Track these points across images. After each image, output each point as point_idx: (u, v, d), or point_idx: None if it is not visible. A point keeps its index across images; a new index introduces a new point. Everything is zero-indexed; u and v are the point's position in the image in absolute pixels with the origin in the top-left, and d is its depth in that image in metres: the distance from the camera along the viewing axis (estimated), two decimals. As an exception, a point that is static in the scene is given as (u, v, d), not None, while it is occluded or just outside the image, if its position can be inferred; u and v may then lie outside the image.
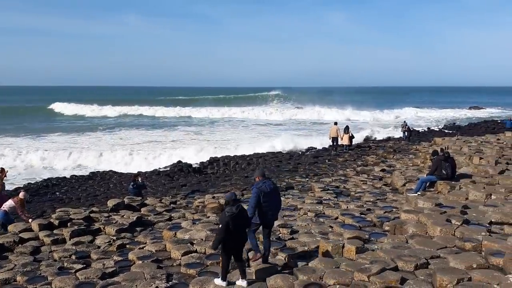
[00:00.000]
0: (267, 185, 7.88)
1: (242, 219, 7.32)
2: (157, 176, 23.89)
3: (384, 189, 15.55)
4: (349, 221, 11.15)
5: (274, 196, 7.98)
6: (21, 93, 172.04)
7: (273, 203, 7.97)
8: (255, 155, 28.99)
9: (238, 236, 7.29)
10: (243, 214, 7.36)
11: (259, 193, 7.72)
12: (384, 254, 8.29)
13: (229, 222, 7.09)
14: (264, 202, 7.76)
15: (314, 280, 7.44)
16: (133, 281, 7.99)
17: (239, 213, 7.21)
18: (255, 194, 7.74)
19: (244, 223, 7.41)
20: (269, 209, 7.88)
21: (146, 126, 54.33)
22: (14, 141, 39.89)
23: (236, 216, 7.15)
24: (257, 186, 7.84)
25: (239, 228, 7.25)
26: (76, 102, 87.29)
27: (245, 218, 7.42)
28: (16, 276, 8.61)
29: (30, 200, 19.37)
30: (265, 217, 7.89)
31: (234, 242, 7.28)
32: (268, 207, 7.84)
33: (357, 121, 55.27)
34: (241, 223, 7.29)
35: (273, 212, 8.00)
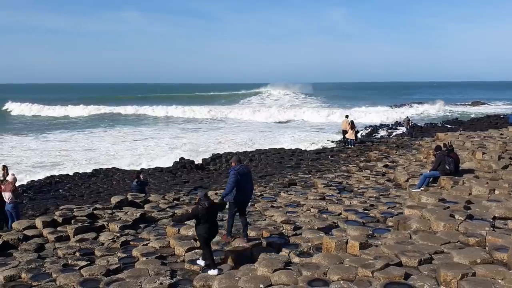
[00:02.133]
0: (243, 168, 9.34)
1: (213, 212, 8.56)
2: (160, 173, 23.90)
3: (387, 184, 15.54)
4: (352, 217, 11.16)
5: (248, 178, 9.37)
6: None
7: (248, 184, 9.34)
8: (257, 151, 28.95)
9: (210, 227, 8.43)
10: (214, 208, 8.58)
11: (236, 174, 9.02)
12: (388, 249, 8.29)
13: (199, 214, 8.31)
14: (242, 182, 9.08)
15: (318, 276, 7.45)
16: (137, 278, 8.01)
17: (210, 207, 8.41)
18: (233, 175, 9.03)
19: (215, 215, 8.68)
20: (245, 188, 9.22)
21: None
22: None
23: (207, 209, 8.31)
24: (234, 169, 9.15)
25: (209, 219, 8.41)
26: (43, 101, 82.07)
27: (215, 211, 8.70)
28: (20, 273, 8.64)
29: (33, 197, 19.45)
30: (242, 196, 9.23)
31: (207, 232, 8.40)
32: (244, 186, 9.17)
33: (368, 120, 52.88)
34: (212, 215, 8.51)
35: (248, 192, 9.40)
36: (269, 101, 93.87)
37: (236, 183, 9.00)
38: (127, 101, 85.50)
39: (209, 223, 8.38)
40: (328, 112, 59.70)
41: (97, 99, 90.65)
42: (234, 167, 9.25)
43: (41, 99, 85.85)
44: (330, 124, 51.10)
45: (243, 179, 9.10)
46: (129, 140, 39.58)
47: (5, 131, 49.04)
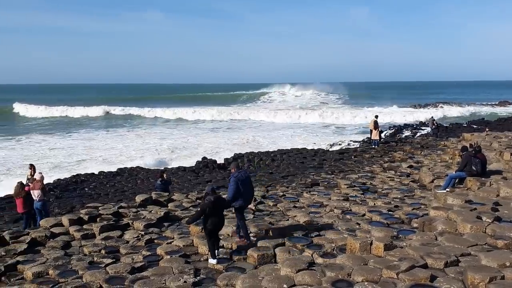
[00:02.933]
0: (242, 174, 9.55)
1: (219, 206, 8.84)
2: (183, 172, 24.11)
3: (412, 185, 15.33)
4: (376, 218, 11.04)
5: (248, 183, 9.58)
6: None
7: (248, 189, 9.53)
8: (279, 151, 28.93)
9: (216, 220, 8.74)
10: (220, 202, 8.89)
11: (237, 181, 9.28)
12: (413, 251, 8.17)
13: (206, 209, 8.61)
14: (242, 188, 9.30)
15: (342, 277, 7.39)
16: (161, 276, 8.09)
17: (216, 201, 8.73)
18: (233, 182, 9.29)
19: (221, 209, 8.92)
20: (245, 193, 9.40)
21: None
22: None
23: (214, 203, 8.65)
24: (234, 176, 9.39)
25: (216, 213, 8.74)
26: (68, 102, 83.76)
27: (221, 205, 8.96)
28: (48, 269, 8.82)
29: (60, 196, 19.84)
30: (244, 200, 9.43)
31: (212, 224, 8.70)
32: (244, 191, 9.37)
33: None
34: (218, 209, 8.79)
35: (248, 195, 9.60)
36: (290, 99, 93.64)
37: (237, 189, 9.27)
38: (147, 102, 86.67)
39: (215, 216, 8.73)
40: (350, 112, 59.26)
41: (119, 100, 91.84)
42: (233, 173, 9.53)
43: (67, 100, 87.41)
44: (353, 124, 50.77)
45: (243, 185, 9.35)
46: (150, 140, 40.02)
47: (32, 130, 50.21)
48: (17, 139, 42.16)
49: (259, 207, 12.87)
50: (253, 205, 12.89)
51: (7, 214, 17.18)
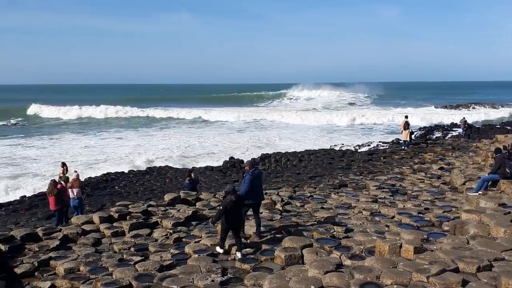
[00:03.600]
0: (256, 172, 10.06)
1: (239, 204, 9.28)
2: (211, 172, 24.28)
3: (443, 188, 15.02)
4: (406, 221, 10.87)
5: (260, 181, 10.17)
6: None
7: (259, 187, 10.10)
8: (306, 152, 28.82)
9: (235, 217, 9.18)
10: (240, 201, 9.33)
11: (251, 178, 9.78)
12: (444, 254, 8.00)
13: (228, 206, 9.03)
14: (255, 185, 9.85)
15: (370, 279, 7.30)
16: (189, 274, 8.16)
17: (237, 201, 9.16)
18: (248, 179, 9.79)
19: (240, 207, 9.38)
20: (257, 190, 9.96)
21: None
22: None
23: (234, 202, 9.06)
24: (248, 173, 9.89)
25: (236, 211, 9.16)
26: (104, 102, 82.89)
27: (241, 203, 9.41)
28: (79, 266, 9.01)
29: (91, 194, 20.26)
30: (255, 197, 9.93)
31: (232, 221, 9.14)
32: (258, 188, 9.94)
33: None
34: (238, 207, 9.25)
35: (260, 194, 10.18)
36: (317, 99, 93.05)
37: (250, 187, 9.77)
38: (172, 102, 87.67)
39: (235, 214, 9.17)
40: (379, 113, 58.48)
41: (147, 100, 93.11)
42: (248, 171, 10.03)
43: (98, 101, 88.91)
44: (382, 124, 50.09)
45: (256, 182, 9.89)
46: (179, 139, 40.44)
47: (65, 130, 51.47)
48: (50, 138, 43.31)
49: (286, 208, 12.84)
50: (280, 206, 12.88)
51: (40, 211, 17.66)
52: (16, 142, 40.23)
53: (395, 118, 49.72)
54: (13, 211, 18.35)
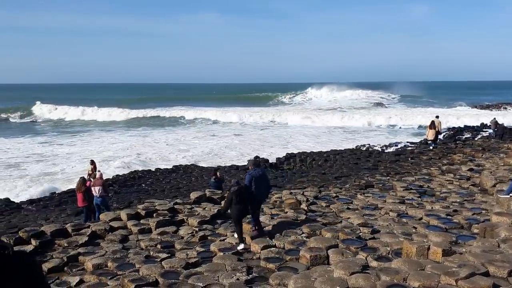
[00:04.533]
0: (257, 171, 10.45)
1: (244, 194, 9.83)
2: (236, 171, 24.35)
3: (472, 189, 14.69)
4: (434, 222, 10.68)
5: (264, 180, 10.52)
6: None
7: (263, 185, 10.46)
8: (332, 151, 28.62)
9: (241, 207, 9.75)
10: (243, 191, 9.86)
11: (251, 178, 10.24)
12: (474, 258, 7.83)
13: (232, 197, 9.72)
14: (256, 184, 10.22)
15: (397, 281, 7.20)
16: (215, 272, 8.21)
17: (240, 191, 9.78)
18: (248, 178, 10.30)
19: (245, 198, 9.82)
20: (260, 188, 10.31)
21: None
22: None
23: (237, 193, 9.72)
24: (249, 173, 10.44)
25: (241, 201, 9.71)
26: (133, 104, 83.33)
27: (245, 193, 9.88)
28: (107, 262, 9.17)
29: (118, 191, 20.60)
30: (257, 195, 10.24)
31: (238, 211, 9.74)
32: (259, 187, 10.27)
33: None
34: (243, 197, 9.76)
35: (263, 191, 10.54)
36: (342, 99, 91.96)
37: (251, 184, 10.23)
38: (195, 102, 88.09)
39: (240, 204, 9.74)
40: (406, 113, 57.56)
41: (176, 100, 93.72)
42: (250, 171, 10.63)
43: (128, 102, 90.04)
44: (409, 125, 49.27)
45: (257, 181, 10.27)
46: (205, 139, 40.69)
47: (94, 128, 52.49)
48: (79, 136, 44.23)
49: (311, 208, 12.78)
50: (305, 205, 12.84)
51: (70, 207, 18.03)
52: (47, 140, 41.26)
53: (424, 118, 48.75)
54: (43, 207, 18.79)
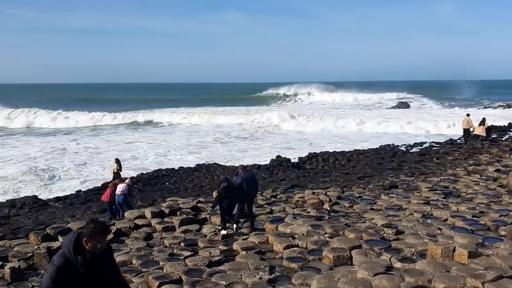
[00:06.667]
0: (247, 174, 11.74)
1: (232, 190, 10.82)
2: (258, 170, 24.37)
3: (499, 190, 14.39)
4: (459, 224, 10.50)
5: (252, 182, 11.72)
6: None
7: (251, 187, 11.59)
8: (355, 151, 28.37)
9: (229, 201, 10.77)
10: (232, 187, 10.88)
11: (242, 180, 11.41)
12: (501, 260, 7.70)
13: (222, 192, 10.61)
14: (247, 184, 11.40)
15: (421, 283, 7.13)
16: (237, 271, 8.25)
17: (228, 186, 10.73)
18: (239, 180, 11.44)
19: (233, 193, 10.82)
20: (250, 188, 11.49)
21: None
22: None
23: (226, 188, 10.63)
24: (241, 176, 11.61)
25: (229, 196, 10.69)
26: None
27: (234, 189, 10.92)
28: (132, 259, 9.31)
29: (142, 189, 20.87)
30: (249, 193, 11.39)
31: (227, 205, 10.73)
32: (249, 187, 11.45)
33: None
34: (231, 192, 10.74)
35: (252, 191, 11.72)
36: (365, 101, 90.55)
37: (242, 184, 11.38)
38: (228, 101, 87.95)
39: (229, 198, 10.70)
40: (431, 113, 56.58)
41: (203, 101, 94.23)
42: (241, 174, 11.75)
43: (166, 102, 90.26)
44: (437, 126, 48.30)
45: (247, 183, 11.44)
46: (227, 137, 40.87)
47: (118, 128, 53.27)
48: (105, 134, 44.98)
49: (334, 208, 12.73)
50: (328, 206, 12.79)
51: (95, 205, 18.35)
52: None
53: (452, 118, 47.76)
54: (69, 204, 19.17)
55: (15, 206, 18.56)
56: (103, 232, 4.27)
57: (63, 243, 4.27)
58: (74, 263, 4.14)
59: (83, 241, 4.17)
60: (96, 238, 4.17)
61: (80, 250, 4.16)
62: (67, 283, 4.11)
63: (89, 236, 4.14)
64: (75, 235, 4.21)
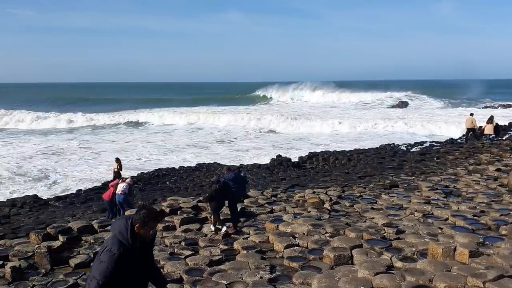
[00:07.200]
0: (231, 175, 12.38)
1: (224, 191, 11.05)
2: (258, 170, 24.37)
3: (500, 190, 14.37)
4: (460, 223, 10.50)
5: (238, 182, 12.41)
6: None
7: (238, 187, 12.25)
8: (355, 151, 28.36)
9: (220, 202, 11.16)
10: (223, 189, 11.06)
11: (226, 181, 11.61)
12: (502, 260, 7.70)
13: (213, 193, 10.92)
14: (232, 186, 11.71)
15: (422, 282, 7.13)
16: (238, 270, 8.25)
17: (220, 188, 10.96)
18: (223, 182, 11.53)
19: (222, 195, 11.08)
20: (236, 190, 11.93)
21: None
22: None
23: (218, 190, 10.92)
24: (225, 177, 12.10)
25: (221, 197, 11.06)
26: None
27: (224, 191, 11.08)
28: (132, 258, 9.29)
29: (143, 188, 20.87)
30: (234, 194, 11.64)
31: (217, 205, 11.05)
32: (234, 188, 11.84)
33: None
34: (223, 193, 11.04)
35: (239, 192, 12.46)
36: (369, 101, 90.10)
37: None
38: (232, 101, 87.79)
39: (220, 199, 11.08)
40: (430, 113, 56.55)
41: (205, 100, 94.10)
42: (225, 175, 12.42)
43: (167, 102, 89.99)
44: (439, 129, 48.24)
45: (232, 183, 11.85)
46: (228, 137, 40.89)
47: (120, 127, 53.29)
48: (105, 133, 44.99)
49: (335, 207, 12.72)
50: (328, 205, 12.78)
51: (95, 204, 18.35)
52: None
53: (452, 117, 47.79)
54: (70, 203, 19.17)
55: (16, 206, 18.57)
56: (156, 218, 4.23)
57: (115, 229, 4.16)
58: (131, 251, 4.05)
59: (135, 228, 4.09)
60: (149, 225, 4.11)
61: (136, 236, 4.09)
62: (123, 271, 4.02)
63: (142, 222, 4.08)
64: (129, 221, 4.12)
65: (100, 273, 4.00)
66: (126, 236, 4.04)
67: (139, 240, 4.11)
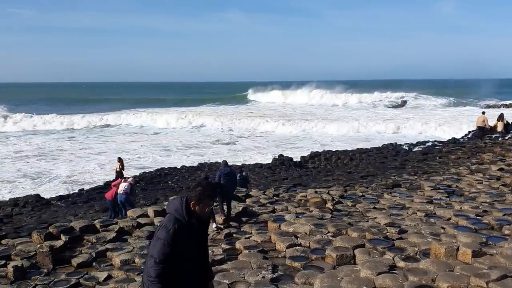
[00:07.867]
0: (226, 169, 12.25)
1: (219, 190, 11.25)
2: (260, 169, 24.38)
3: (503, 189, 14.32)
4: (463, 223, 10.47)
5: (231, 178, 12.31)
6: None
7: (229, 182, 12.17)
8: (358, 150, 28.34)
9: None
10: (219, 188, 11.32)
11: (220, 175, 11.95)
12: (505, 259, 7.67)
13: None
14: (225, 181, 11.88)
15: (425, 282, 7.10)
16: (240, 270, 8.24)
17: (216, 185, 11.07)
18: (218, 176, 12.03)
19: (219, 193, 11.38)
20: (228, 185, 12.04)
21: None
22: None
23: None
24: (219, 171, 12.17)
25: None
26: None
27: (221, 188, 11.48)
28: (134, 257, 9.29)
29: (145, 188, 20.88)
30: (226, 191, 11.92)
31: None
32: (227, 184, 11.97)
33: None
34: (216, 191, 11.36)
35: (230, 188, 12.35)
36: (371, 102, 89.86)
37: (219, 181, 11.92)
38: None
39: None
40: (434, 113, 56.45)
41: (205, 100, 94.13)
42: (220, 169, 12.34)
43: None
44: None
45: (225, 179, 11.96)
46: (229, 136, 40.90)
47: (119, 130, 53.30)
48: (109, 133, 45.03)
49: (337, 207, 12.70)
50: (330, 205, 12.76)
51: (97, 203, 18.36)
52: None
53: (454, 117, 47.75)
54: (72, 203, 19.20)
55: (18, 205, 18.60)
56: (211, 195, 4.23)
57: (171, 208, 4.15)
58: (187, 227, 4.05)
59: (191, 205, 4.09)
60: (204, 202, 4.10)
61: (192, 213, 4.08)
62: (180, 248, 4.00)
63: (198, 199, 4.07)
64: (184, 199, 4.12)
65: (157, 250, 3.96)
66: (182, 213, 4.03)
67: (195, 217, 4.10)
